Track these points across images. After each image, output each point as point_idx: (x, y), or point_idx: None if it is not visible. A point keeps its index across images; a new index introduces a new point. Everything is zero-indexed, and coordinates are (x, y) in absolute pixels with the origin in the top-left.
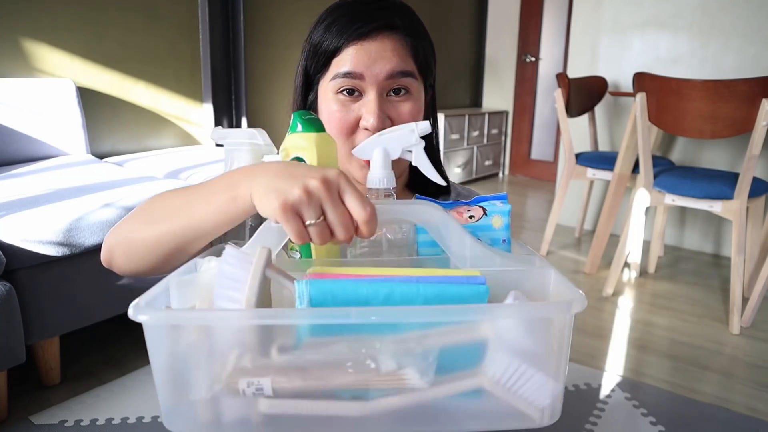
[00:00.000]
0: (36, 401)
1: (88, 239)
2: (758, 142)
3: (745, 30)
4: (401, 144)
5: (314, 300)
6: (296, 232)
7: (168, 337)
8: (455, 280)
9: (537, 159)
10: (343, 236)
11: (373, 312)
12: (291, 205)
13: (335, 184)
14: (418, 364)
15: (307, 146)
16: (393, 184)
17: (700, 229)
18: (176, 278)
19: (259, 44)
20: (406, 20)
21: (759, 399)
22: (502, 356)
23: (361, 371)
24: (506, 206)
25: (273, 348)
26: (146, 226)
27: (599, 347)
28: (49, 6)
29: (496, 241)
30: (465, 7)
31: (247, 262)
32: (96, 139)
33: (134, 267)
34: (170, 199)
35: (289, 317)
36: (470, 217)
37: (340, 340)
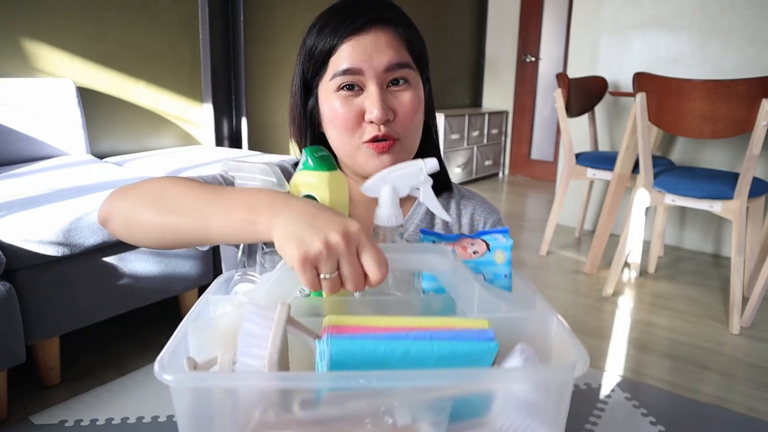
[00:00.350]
0: (36, 401)
1: (88, 239)
2: (758, 142)
3: (745, 30)
4: (409, 182)
5: (335, 359)
6: (311, 283)
7: (193, 395)
8: (466, 336)
9: (537, 159)
10: (353, 289)
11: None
12: (311, 258)
13: (355, 241)
14: (432, 418)
15: (318, 185)
16: (400, 222)
17: (700, 229)
18: (193, 325)
19: (259, 44)
20: (396, 13)
21: (759, 399)
22: (508, 410)
23: (379, 425)
24: (508, 241)
25: (295, 403)
26: (154, 209)
27: (599, 347)
28: (49, 6)
29: (498, 276)
30: (465, 7)
31: (269, 319)
32: (96, 139)
33: (129, 237)
34: (186, 193)
35: (314, 381)
36: (474, 252)
37: (358, 395)
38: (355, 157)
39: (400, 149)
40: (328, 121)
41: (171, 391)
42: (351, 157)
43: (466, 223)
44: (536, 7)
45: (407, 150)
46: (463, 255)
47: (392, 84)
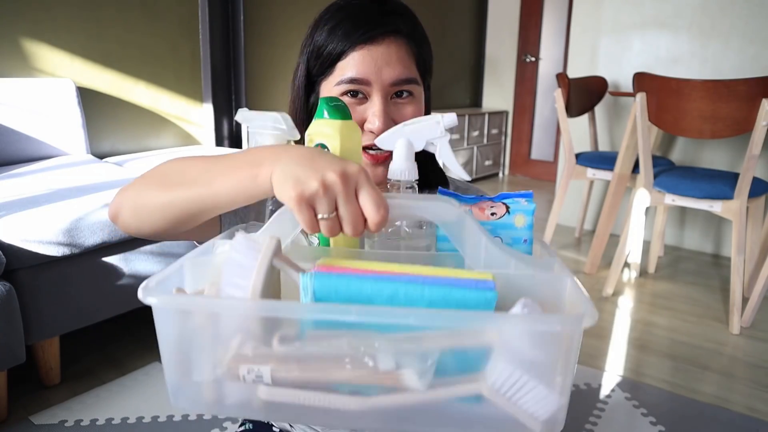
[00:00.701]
0: (36, 401)
1: (88, 239)
2: (758, 142)
3: (745, 30)
4: (426, 136)
5: (318, 294)
6: (308, 223)
7: (175, 319)
8: (463, 284)
9: (537, 159)
10: (351, 233)
11: (374, 311)
12: (306, 197)
13: (353, 180)
14: (417, 365)
15: (331, 133)
16: (415, 177)
17: (700, 229)
18: (192, 259)
19: (259, 44)
20: (410, 25)
21: (759, 399)
22: (504, 365)
23: (358, 368)
24: (531, 205)
25: (275, 338)
26: (160, 188)
27: (599, 347)
28: (49, 6)
29: (517, 240)
30: (465, 7)
31: (256, 251)
32: (96, 139)
33: (140, 226)
34: (189, 166)
35: (289, 311)
36: (492, 214)
37: (340, 335)
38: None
39: None
40: None
41: (154, 314)
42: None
43: None
44: (536, 7)
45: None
46: (480, 216)
47: (396, 95)
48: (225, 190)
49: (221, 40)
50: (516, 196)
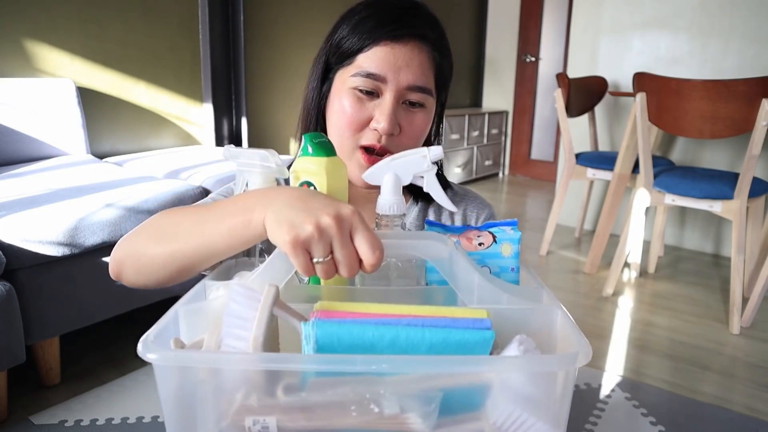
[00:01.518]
0: (36, 401)
1: (88, 239)
2: (758, 142)
3: (745, 30)
4: (413, 170)
5: (320, 342)
6: (303, 267)
7: (176, 375)
8: (461, 325)
9: (537, 159)
10: (347, 275)
11: (378, 360)
12: (302, 241)
13: (348, 223)
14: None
15: (317, 171)
16: (403, 210)
17: (700, 229)
18: (185, 307)
19: (259, 44)
20: (437, 35)
21: (759, 399)
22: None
23: (364, 414)
24: (516, 233)
25: (279, 388)
26: (157, 243)
27: (599, 347)
28: (49, 6)
29: (504, 269)
30: (465, 7)
31: (255, 300)
32: (96, 139)
33: (143, 281)
34: (183, 218)
35: (295, 363)
36: (480, 244)
37: (344, 381)
38: (347, 160)
39: None
40: (334, 113)
41: (154, 370)
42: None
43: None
44: (536, 7)
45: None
46: (468, 247)
47: (409, 104)
48: (220, 238)
49: (221, 40)
50: (502, 225)
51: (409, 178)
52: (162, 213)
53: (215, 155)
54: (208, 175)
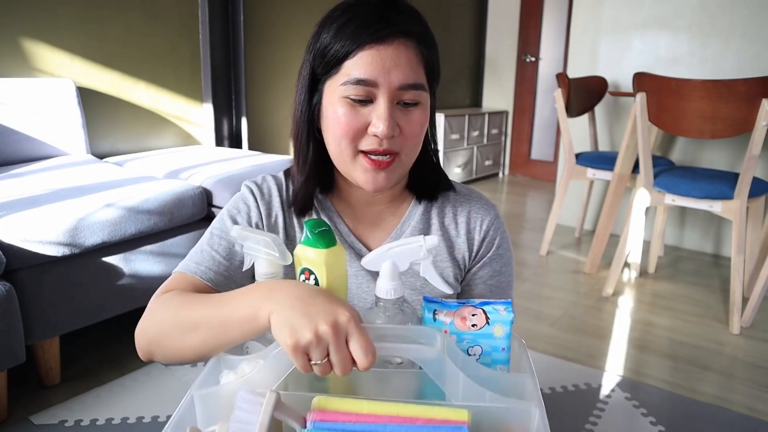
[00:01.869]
0: (36, 401)
1: (89, 239)
2: (758, 142)
3: (745, 30)
4: (410, 258)
5: None
6: (302, 367)
7: None
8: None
9: (537, 159)
10: (340, 374)
11: None
12: (302, 346)
13: (344, 330)
14: None
15: (317, 262)
16: (400, 294)
17: (700, 229)
18: (199, 392)
19: (259, 44)
20: (421, 29)
21: (759, 399)
22: None
23: None
24: (509, 315)
25: None
26: (177, 336)
27: (599, 347)
28: (49, 6)
29: (496, 349)
30: (465, 7)
31: (258, 405)
32: (96, 139)
33: (171, 361)
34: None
35: None
36: (473, 325)
37: None
38: (350, 167)
39: (397, 165)
40: (329, 125)
41: None
42: (346, 165)
43: (462, 221)
44: (536, 7)
45: (404, 166)
46: (462, 327)
47: (404, 105)
48: (232, 333)
49: (221, 40)
50: (496, 304)
51: (406, 265)
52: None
53: (215, 155)
54: (208, 175)
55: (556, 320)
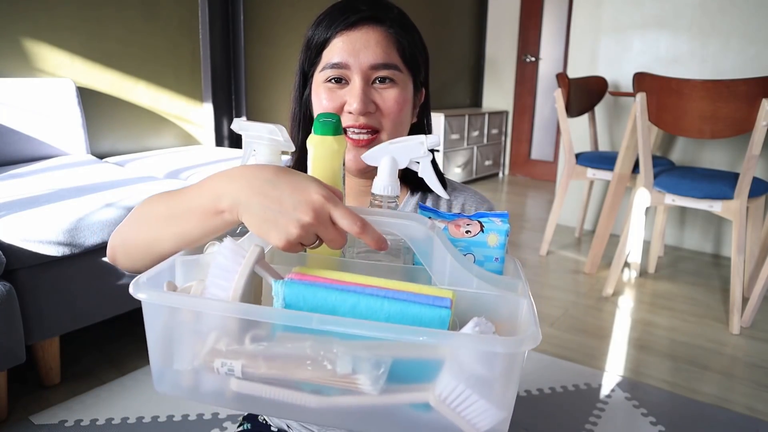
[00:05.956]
0: (36, 401)
1: (89, 239)
2: (758, 142)
3: (745, 30)
4: (410, 155)
5: (288, 300)
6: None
7: (160, 314)
8: (420, 300)
9: (537, 159)
10: (336, 248)
11: (334, 321)
12: (293, 242)
13: (324, 212)
14: (370, 372)
15: (311, 149)
16: (397, 193)
17: (700, 229)
18: (182, 258)
19: (259, 44)
20: (393, 14)
21: (759, 399)
22: (449, 379)
23: (318, 370)
24: (504, 225)
25: (247, 336)
26: (140, 230)
27: (599, 347)
28: (49, 6)
29: (489, 258)
30: (465, 7)
31: (240, 256)
32: (96, 139)
33: (134, 266)
34: (160, 205)
35: (258, 314)
36: (467, 231)
37: (305, 338)
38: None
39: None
40: (315, 110)
41: (143, 309)
42: None
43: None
44: (536, 7)
45: None
46: (455, 233)
47: (378, 81)
48: (192, 228)
49: (221, 40)
50: (492, 216)
51: (406, 162)
52: (148, 198)
53: (215, 155)
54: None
55: (556, 320)
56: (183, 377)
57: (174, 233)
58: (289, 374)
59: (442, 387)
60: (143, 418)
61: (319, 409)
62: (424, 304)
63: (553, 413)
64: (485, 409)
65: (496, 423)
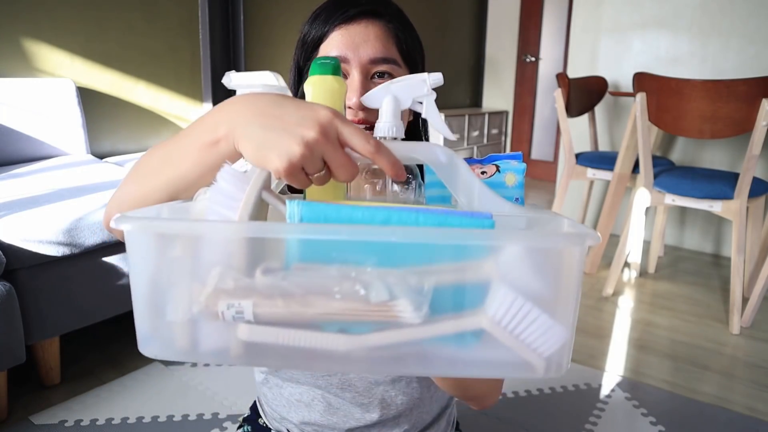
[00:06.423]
0: (36, 401)
1: (89, 239)
2: (758, 142)
3: (745, 30)
4: (412, 94)
5: (306, 221)
6: (300, 184)
7: (149, 249)
8: (459, 213)
9: (537, 159)
10: (347, 178)
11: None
12: (296, 165)
13: (333, 129)
14: (412, 296)
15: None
16: (402, 134)
17: (700, 229)
18: (169, 205)
19: (259, 44)
20: (391, 9)
21: (759, 399)
22: (505, 292)
23: (349, 299)
24: (521, 165)
25: (258, 268)
26: (135, 183)
27: (599, 347)
28: (49, 6)
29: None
30: (465, 7)
31: (244, 182)
32: (96, 139)
33: None
34: (155, 153)
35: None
36: (482, 173)
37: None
38: None
39: None
40: None
41: (127, 246)
42: None
43: None
44: (536, 7)
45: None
46: None
47: (377, 76)
48: (189, 167)
49: (221, 40)
50: (505, 158)
51: (409, 102)
52: (145, 152)
53: None
54: None
55: None
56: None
57: (170, 178)
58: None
59: (497, 304)
60: (143, 418)
61: (348, 352)
62: (464, 216)
63: (553, 413)
64: (549, 327)
65: (560, 345)
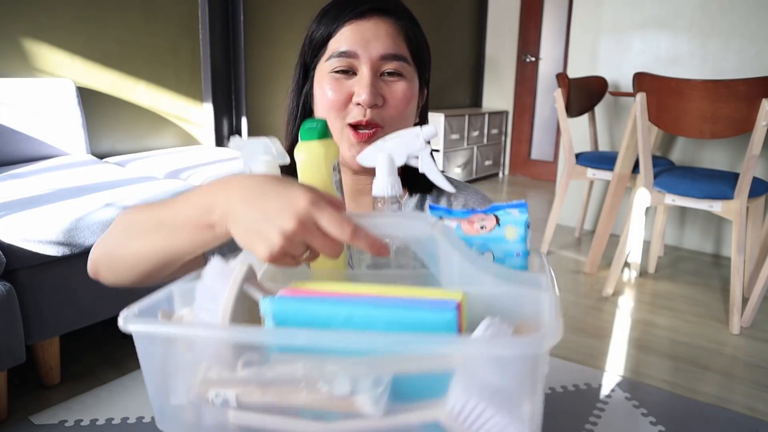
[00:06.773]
0: (36, 401)
1: (88, 239)
2: (758, 142)
3: (745, 30)
4: (406, 150)
5: (277, 318)
6: (289, 265)
7: (151, 346)
8: (422, 305)
9: (537, 159)
10: (330, 255)
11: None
12: (277, 254)
13: (310, 220)
14: (371, 391)
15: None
16: (399, 192)
17: (700, 229)
18: (179, 286)
19: (259, 44)
20: (400, 8)
21: (759, 399)
22: (460, 391)
23: (314, 393)
24: (523, 216)
25: (240, 362)
26: (126, 242)
27: (599, 347)
28: (49, 6)
29: (509, 254)
30: (465, 7)
31: (227, 277)
32: (96, 139)
33: (118, 280)
34: (147, 216)
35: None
36: (481, 227)
37: (299, 359)
38: (337, 142)
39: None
40: (318, 102)
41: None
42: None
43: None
44: (536, 7)
45: None
46: (469, 231)
47: (387, 74)
48: (182, 241)
49: (221, 40)
50: (509, 207)
51: (403, 159)
52: (129, 209)
53: (215, 155)
54: (208, 175)
55: None
56: (183, 412)
57: (163, 247)
58: (285, 400)
59: (454, 402)
60: (143, 418)
61: None
62: (426, 309)
63: (553, 413)
64: (504, 425)
65: None
